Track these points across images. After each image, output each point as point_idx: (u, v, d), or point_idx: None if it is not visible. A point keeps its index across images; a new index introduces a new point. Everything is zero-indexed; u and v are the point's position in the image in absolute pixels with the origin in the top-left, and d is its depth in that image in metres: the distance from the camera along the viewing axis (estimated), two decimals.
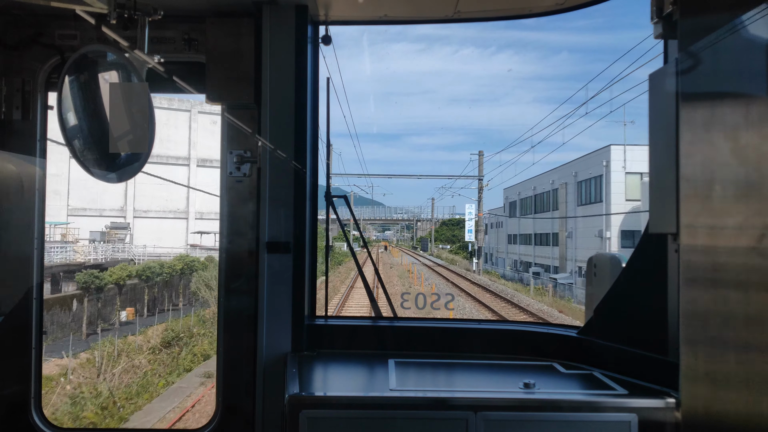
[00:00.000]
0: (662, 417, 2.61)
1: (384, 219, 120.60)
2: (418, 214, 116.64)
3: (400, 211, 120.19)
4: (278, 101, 3.36)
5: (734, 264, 2.09)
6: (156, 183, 50.27)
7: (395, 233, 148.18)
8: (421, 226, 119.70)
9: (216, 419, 3.39)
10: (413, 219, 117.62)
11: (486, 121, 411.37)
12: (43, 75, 3.44)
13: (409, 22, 3.68)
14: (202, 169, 59.01)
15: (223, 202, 3.47)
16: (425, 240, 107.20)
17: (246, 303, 3.40)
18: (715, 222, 2.23)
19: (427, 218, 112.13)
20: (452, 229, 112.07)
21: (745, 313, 2.01)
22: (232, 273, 3.47)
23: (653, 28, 2.81)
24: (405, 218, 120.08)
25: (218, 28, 3.30)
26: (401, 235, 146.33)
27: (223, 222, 3.49)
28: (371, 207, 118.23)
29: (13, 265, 3.44)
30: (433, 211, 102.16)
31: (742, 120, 2.04)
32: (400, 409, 2.66)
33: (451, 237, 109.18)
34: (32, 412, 3.41)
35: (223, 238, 3.50)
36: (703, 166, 2.32)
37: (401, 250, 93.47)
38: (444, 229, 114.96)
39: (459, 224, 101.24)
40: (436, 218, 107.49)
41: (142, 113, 2.41)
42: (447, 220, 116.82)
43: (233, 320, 3.45)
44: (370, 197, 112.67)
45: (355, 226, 4.31)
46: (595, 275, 3.58)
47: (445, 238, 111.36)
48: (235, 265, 3.46)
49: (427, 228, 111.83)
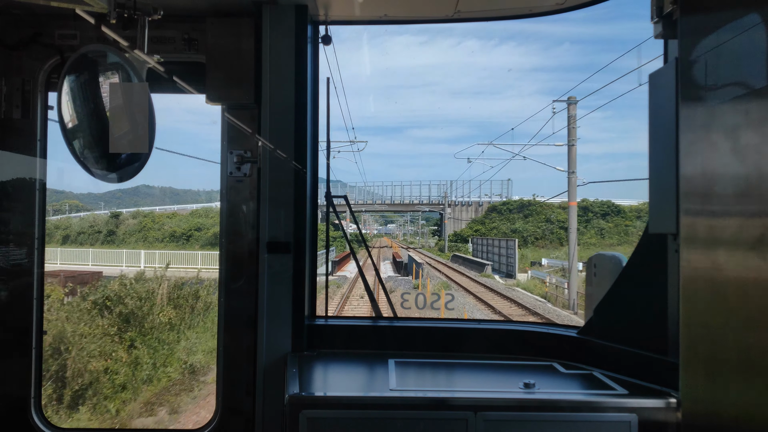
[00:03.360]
0: (662, 417, 2.61)
1: (390, 204, 73.18)
2: (441, 198, 70.31)
3: (410, 197, 72.73)
4: (278, 101, 3.36)
5: (734, 264, 2.09)
6: None
7: (399, 227, 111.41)
8: (450, 214, 70.74)
9: (216, 419, 3.39)
10: (438, 203, 70.35)
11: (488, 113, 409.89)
12: (43, 75, 3.44)
13: (409, 22, 3.68)
14: None
15: (223, 202, 3.47)
16: (480, 242, 54.30)
17: (246, 303, 3.40)
18: (715, 222, 2.23)
19: (462, 200, 70.44)
20: (510, 217, 67.50)
21: (745, 313, 2.01)
22: (232, 273, 3.47)
23: (653, 28, 2.81)
24: (423, 203, 71.49)
25: (218, 28, 3.30)
26: (408, 228, 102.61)
27: (223, 222, 3.49)
28: (367, 189, 79.68)
29: (13, 265, 3.45)
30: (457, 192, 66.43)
31: (742, 120, 2.04)
32: (400, 409, 2.66)
33: (522, 232, 62.22)
34: (32, 412, 3.41)
35: (223, 238, 3.50)
36: (703, 166, 2.32)
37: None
38: (497, 218, 68.70)
39: (522, 209, 67.95)
40: (480, 200, 70.44)
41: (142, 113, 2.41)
42: (502, 203, 70.82)
43: (233, 320, 3.45)
44: (359, 167, 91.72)
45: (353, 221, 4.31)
46: (595, 275, 3.58)
47: (498, 233, 62.28)
48: (235, 265, 3.46)
49: (462, 218, 70.78)
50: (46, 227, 3.57)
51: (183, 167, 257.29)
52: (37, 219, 3.48)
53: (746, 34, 2.01)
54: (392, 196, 74.11)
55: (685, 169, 2.45)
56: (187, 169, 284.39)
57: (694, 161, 2.38)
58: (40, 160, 3.47)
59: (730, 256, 2.11)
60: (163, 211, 65.47)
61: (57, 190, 54.17)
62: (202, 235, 56.60)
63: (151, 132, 2.42)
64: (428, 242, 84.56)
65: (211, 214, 62.28)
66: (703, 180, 2.31)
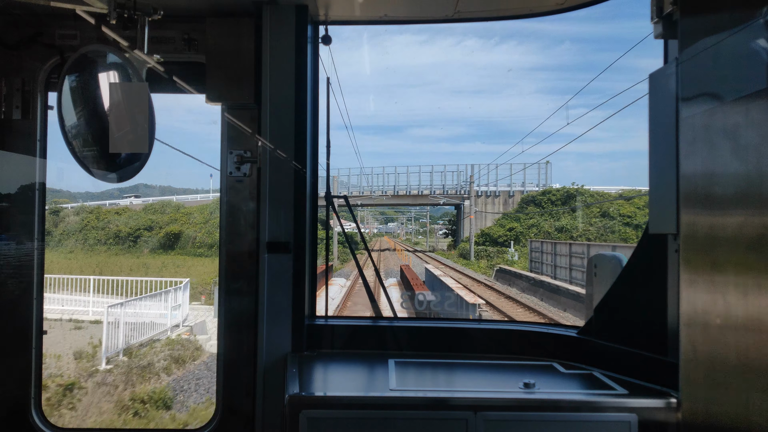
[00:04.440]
0: (662, 417, 2.61)
1: (394, 197, 57.57)
2: (458, 188, 55.50)
3: (418, 187, 56.76)
4: (278, 101, 3.36)
5: (734, 264, 2.09)
6: None
7: (400, 225, 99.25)
8: (467, 208, 53.96)
9: (216, 419, 3.39)
10: (456, 193, 55.34)
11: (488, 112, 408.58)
12: (43, 75, 3.44)
13: (409, 22, 3.68)
14: None
15: (223, 202, 3.47)
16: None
17: (246, 303, 3.40)
18: (715, 222, 2.23)
19: (487, 190, 54.13)
20: (553, 211, 50.91)
21: (745, 313, 2.01)
22: (232, 273, 3.47)
23: (653, 28, 2.81)
24: (435, 193, 56.15)
25: (218, 28, 3.30)
26: (410, 227, 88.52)
27: (223, 222, 3.49)
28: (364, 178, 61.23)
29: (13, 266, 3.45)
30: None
31: (742, 120, 2.04)
32: (400, 409, 2.66)
33: (571, 231, 47.47)
34: (32, 413, 3.41)
35: (223, 237, 3.50)
36: (703, 166, 2.32)
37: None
38: (536, 212, 52.37)
39: (568, 201, 51.09)
40: (511, 189, 53.91)
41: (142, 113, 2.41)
42: (541, 192, 53.71)
43: (233, 320, 3.45)
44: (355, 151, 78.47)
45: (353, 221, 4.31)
46: (595, 275, 3.57)
47: (539, 232, 48.74)
48: (235, 265, 3.46)
49: (484, 211, 53.32)
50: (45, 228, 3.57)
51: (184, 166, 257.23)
52: (36, 219, 3.48)
53: (746, 34, 2.01)
54: (396, 186, 56.91)
55: (685, 169, 2.45)
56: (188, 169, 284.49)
57: (694, 161, 2.38)
58: (40, 160, 3.47)
59: (730, 256, 2.11)
60: (114, 205, 56.00)
61: (54, 189, 51.60)
62: (153, 236, 48.16)
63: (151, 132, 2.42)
64: (438, 244, 68.42)
65: (168, 209, 54.15)
66: (703, 180, 2.31)
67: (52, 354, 15.83)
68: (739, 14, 2.06)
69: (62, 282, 24.43)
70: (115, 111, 2.43)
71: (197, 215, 53.81)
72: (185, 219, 53.15)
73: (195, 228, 51.63)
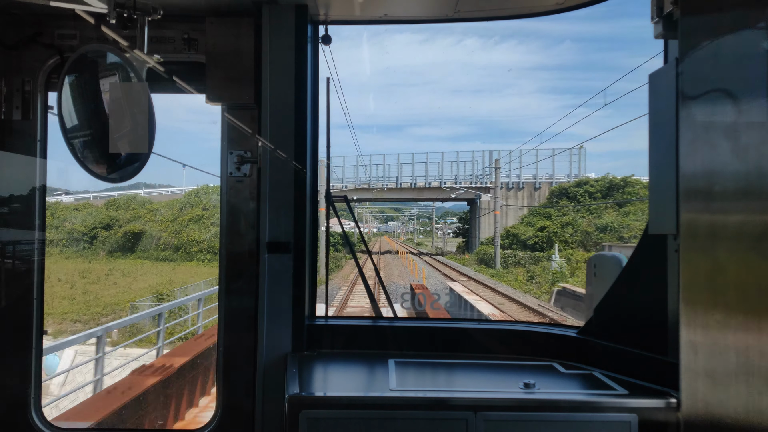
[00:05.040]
0: (662, 417, 2.61)
1: (397, 190, 50.19)
2: (473, 179, 47.80)
3: (424, 178, 49.29)
4: (278, 101, 3.36)
5: (734, 264, 2.09)
6: None
7: (400, 225, 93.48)
8: (486, 203, 45.92)
9: (216, 419, 3.39)
10: (472, 185, 47.29)
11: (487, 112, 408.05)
12: (43, 75, 3.43)
13: (409, 22, 3.68)
14: None
15: (223, 202, 3.47)
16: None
17: (246, 303, 3.40)
18: (715, 222, 2.23)
19: (509, 181, 45.51)
20: (592, 207, 41.50)
21: (745, 313, 2.01)
22: (232, 273, 3.47)
23: (653, 28, 2.81)
24: (445, 185, 48.14)
25: (218, 28, 3.29)
26: (410, 226, 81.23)
27: (223, 222, 3.49)
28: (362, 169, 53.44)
29: (13, 265, 3.45)
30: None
31: (742, 120, 2.04)
32: (400, 409, 2.66)
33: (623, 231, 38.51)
34: (32, 412, 3.41)
35: (223, 237, 3.50)
36: (703, 166, 2.32)
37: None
38: (569, 207, 42.42)
39: (611, 194, 41.19)
40: (537, 181, 45.19)
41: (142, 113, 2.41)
42: (576, 184, 44.70)
43: (233, 320, 3.45)
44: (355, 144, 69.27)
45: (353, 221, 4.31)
46: (595, 275, 3.57)
47: (577, 231, 39.91)
48: (235, 265, 3.46)
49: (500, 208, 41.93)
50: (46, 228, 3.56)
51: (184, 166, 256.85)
52: (37, 220, 3.48)
53: (746, 34, 2.01)
54: (399, 178, 48.99)
55: (685, 169, 2.45)
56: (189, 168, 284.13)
57: (694, 161, 2.38)
58: (40, 160, 3.47)
59: (731, 256, 2.11)
60: (71, 201, 50.31)
61: (53, 188, 48.15)
62: (111, 236, 42.85)
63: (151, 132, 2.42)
64: (446, 246, 59.21)
65: (132, 205, 47.45)
66: (703, 180, 2.31)
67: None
68: (739, 14, 2.06)
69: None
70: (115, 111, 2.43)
71: (165, 212, 47.71)
72: (150, 216, 47.13)
73: (161, 226, 45.95)
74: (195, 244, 45.02)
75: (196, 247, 45.03)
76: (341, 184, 50.58)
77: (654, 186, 2.82)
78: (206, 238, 45.07)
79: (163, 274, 37.66)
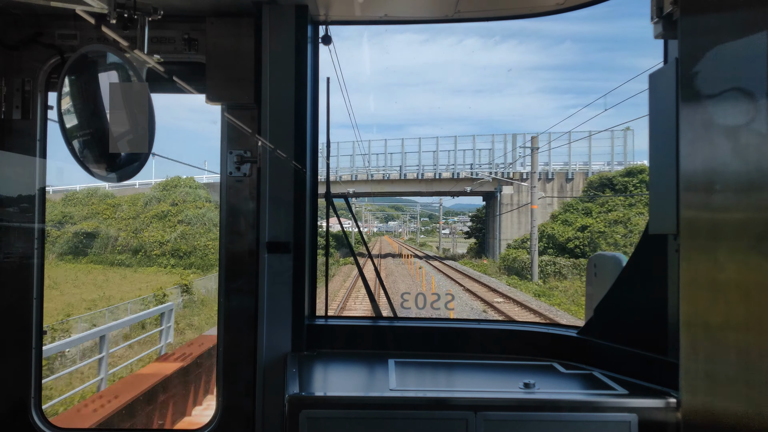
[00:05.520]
0: (662, 417, 2.61)
1: (401, 182, 43.39)
2: (493, 169, 40.42)
3: (433, 168, 42.52)
4: (278, 101, 3.36)
5: (735, 264, 2.09)
6: None
7: (401, 224, 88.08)
8: (507, 197, 38.71)
9: (216, 419, 3.39)
10: (490, 174, 39.72)
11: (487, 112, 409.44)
12: (43, 75, 3.44)
13: (409, 22, 3.68)
14: None
15: (223, 202, 3.47)
16: None
17: (246, 303, 3.40)
18: (715, 222, 2.23)
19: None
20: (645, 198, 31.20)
21: (745, 313, 2.01)
22: (232, 273, 3.47)
23: (653, 28, 2.81)
24: (459, 176, 41.18)
25: (218, 28, 3.30)
26: (412, 225, 75.45)
27: (223, 222, 3.49)
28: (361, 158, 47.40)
29: (13, 265, 3.45)
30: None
31: (742, 120, 2.04)
32: (400, 409, 2.66)
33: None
34: (32, 412, 3.41)
35: (223, 237, 3.50)
36: (703, 166, 2.32)
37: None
38: (616, 200, 35.41)
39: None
40: (570, 170, 38.95)
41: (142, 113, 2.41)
42: (623, 172, 37.32)
43: (233, 320, 3.45)
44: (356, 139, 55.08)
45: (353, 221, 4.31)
46: (595, 275, 3.57)
47: (627, 230, 31.82)
48: (235, 265, 3.46)
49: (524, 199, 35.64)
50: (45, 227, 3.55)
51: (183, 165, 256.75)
52: (36, 219, 3.48)
53: (746, 34, 2.01)
54: (402, 167, 42.31)
55: (685, 169, 2.45)
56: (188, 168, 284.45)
57: (695, 161, 2.38)
58: (40, 160, 3.47)
59: (731, 256, 2.11)
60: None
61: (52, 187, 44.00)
62: (60, 236, 36.56)
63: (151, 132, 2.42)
64: (456, 247, 52.49)
65: (92, 200, 40.49)
66: (704, 180, 2.31)
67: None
68: (739, 14, 2.05)
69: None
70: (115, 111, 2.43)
71: (126, 207, 40.65)
72: (110, 212, 40.07)
73: (120, 224, 38.90)
74: (157, 246, 37.94)
75: (158, 249, 37.77)
76: (335, 175, 42.00)
77: (654, 186, 2.82)
78: (171, 239, 38.55)
79: (107, 284, 30.45)
